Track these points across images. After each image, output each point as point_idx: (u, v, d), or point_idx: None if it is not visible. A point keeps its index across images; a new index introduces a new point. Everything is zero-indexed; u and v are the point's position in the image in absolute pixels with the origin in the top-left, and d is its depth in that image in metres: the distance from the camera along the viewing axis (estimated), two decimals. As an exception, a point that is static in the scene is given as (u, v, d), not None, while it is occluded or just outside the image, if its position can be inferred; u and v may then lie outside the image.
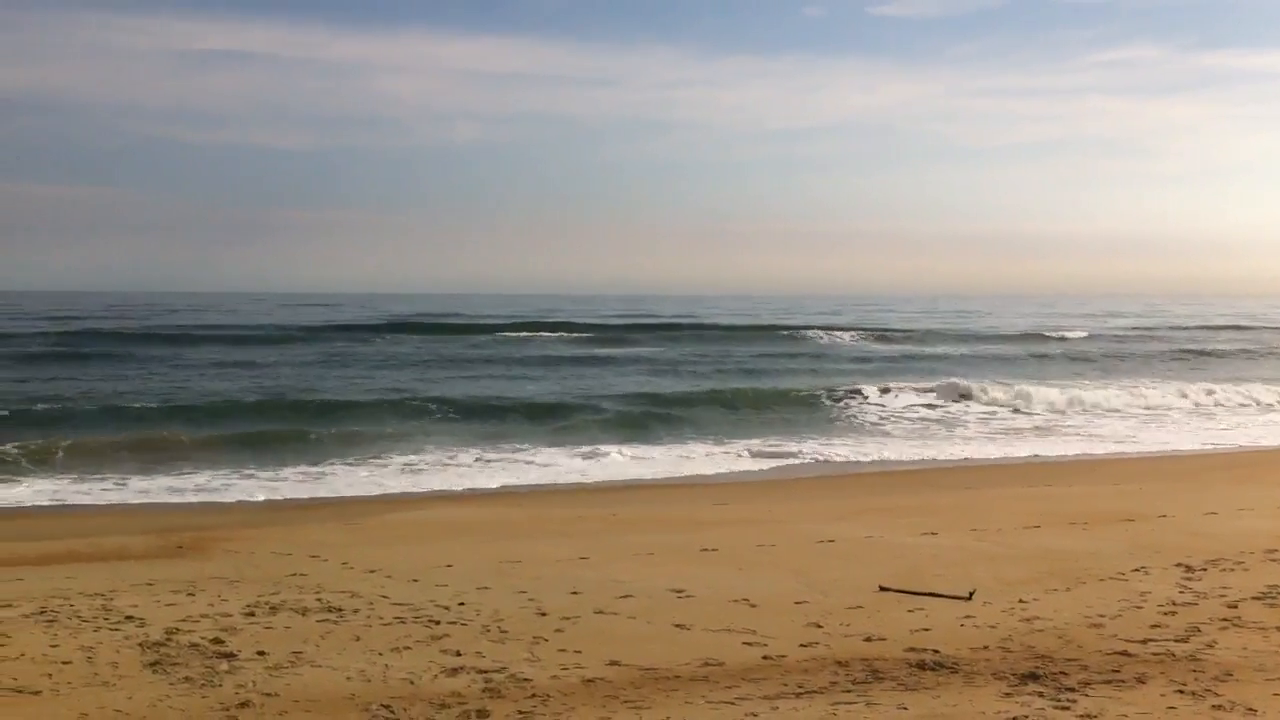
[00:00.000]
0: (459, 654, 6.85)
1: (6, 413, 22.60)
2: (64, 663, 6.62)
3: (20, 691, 6.09)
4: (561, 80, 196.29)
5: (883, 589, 8.62)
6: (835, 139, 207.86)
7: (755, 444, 20.83)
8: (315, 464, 18.29)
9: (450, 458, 19.12)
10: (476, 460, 19.03)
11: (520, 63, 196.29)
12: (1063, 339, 53.01)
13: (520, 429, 22.91)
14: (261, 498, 15.73)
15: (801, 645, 7.13)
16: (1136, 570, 9.29)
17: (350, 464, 18.34)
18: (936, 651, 6.94)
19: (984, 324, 67.37)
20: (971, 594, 8.37)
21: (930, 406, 27.41)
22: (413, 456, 19.07)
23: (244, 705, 5.91)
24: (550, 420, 24.17)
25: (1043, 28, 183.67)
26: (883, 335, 53.84)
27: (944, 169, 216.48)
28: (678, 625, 7.58)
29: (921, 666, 6.65)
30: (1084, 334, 55.70)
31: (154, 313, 67.89)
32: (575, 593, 8.51)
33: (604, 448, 20.28)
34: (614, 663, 6.71)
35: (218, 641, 7.06)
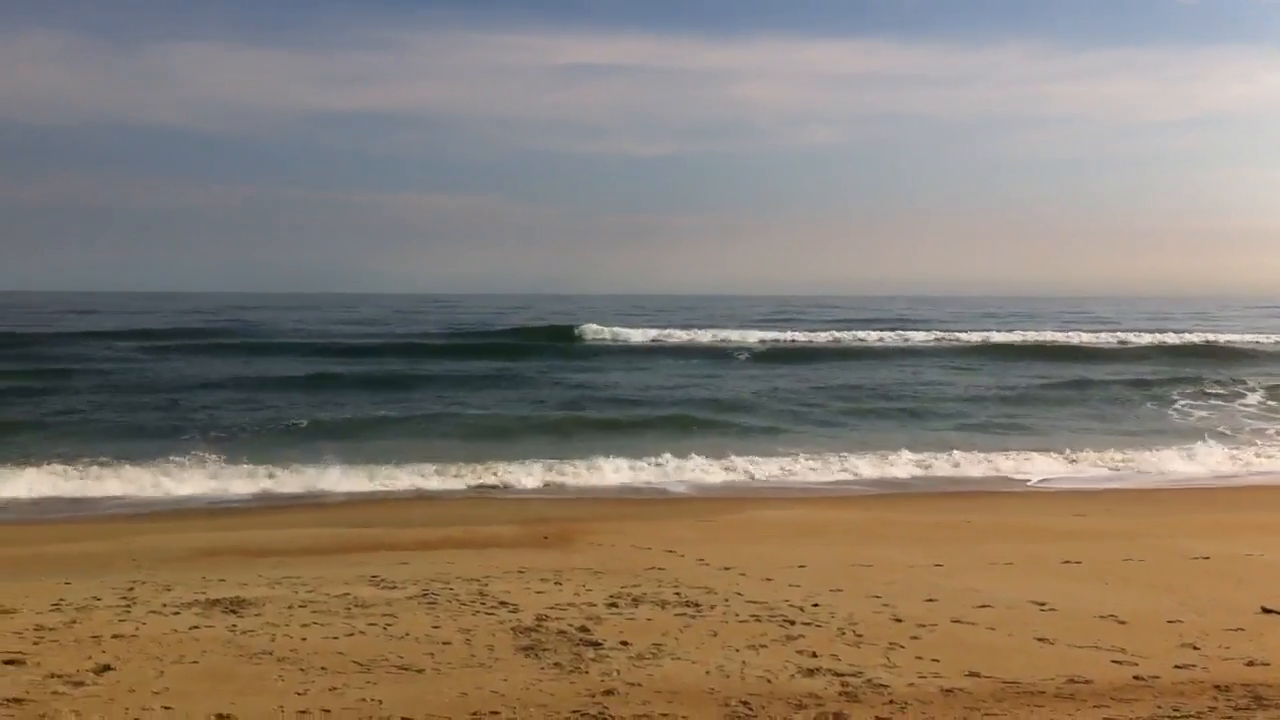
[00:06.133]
0: (815, 655, 6.87)
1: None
2: (444, 643, 7.05)
3: (406, 669, 6.52)
4: (919, 79, 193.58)
5: (1266, 610, 8.03)
6: (1211, 130, 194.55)
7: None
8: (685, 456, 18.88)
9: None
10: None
11: (877, 64, 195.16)
12: None
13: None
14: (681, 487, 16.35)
15: (1176, 666, 6.74)
16: None
17: (706, 460, 18.74)
18: (1330, 682, 6.41)
19: None
20: (1370, 622, 7.69)
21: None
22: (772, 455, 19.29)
23: (609, 693, 6.13)
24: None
25: None
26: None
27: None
28: (1040, 639, 7.32)
29: (1313, 697, 6.16)
30: None
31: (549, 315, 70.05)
32: (931, 600, 8.37)
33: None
34: (973, 674, 6.55)
35: (584, 630, 7.36)
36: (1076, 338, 49.85)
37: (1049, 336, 50.49)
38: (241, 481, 16.59)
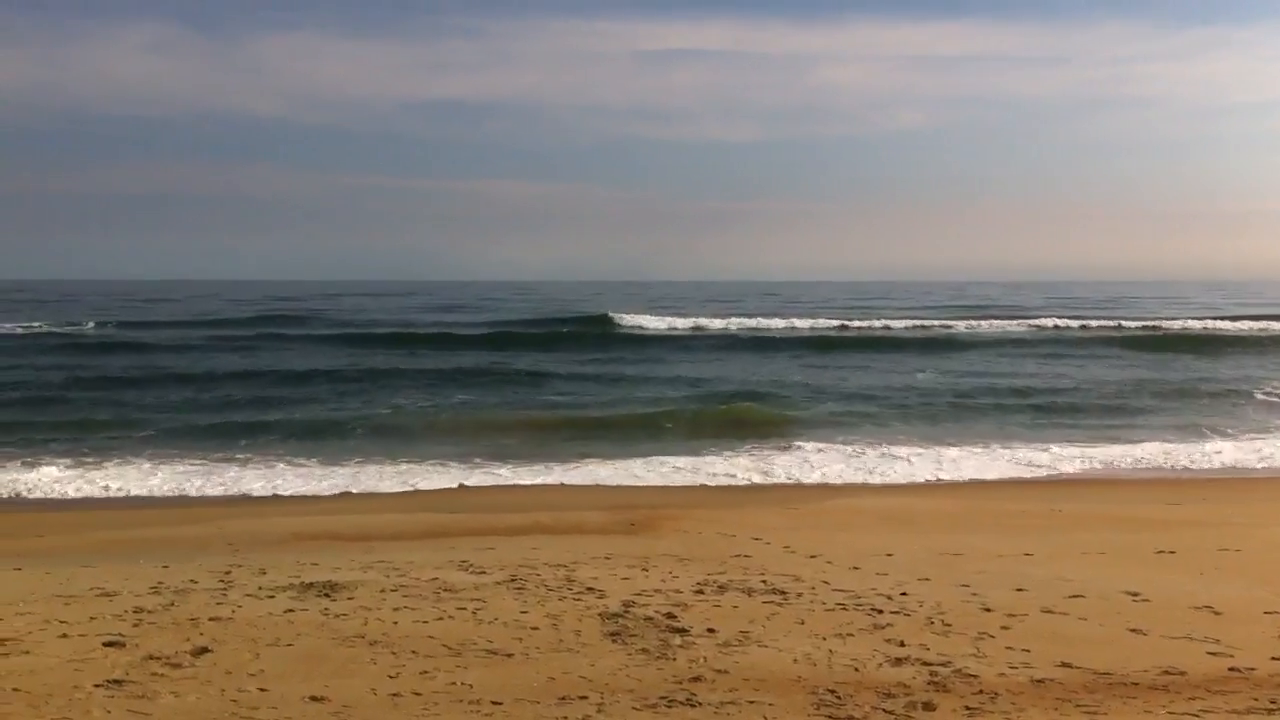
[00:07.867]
0: (903, 644, 6.82)
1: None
2: (533, 628, 7.11)
3: (495, 653, 6.58)
4: (1010, 61, 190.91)
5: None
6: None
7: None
8: (765, 448, 18.76)
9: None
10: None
11: (967, 46, 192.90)
12: None
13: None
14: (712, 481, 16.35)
15: (1273, 658, 6.60)
16: None
17: (782, 450, 18.66)
18: None
19: None
20: None
21: None
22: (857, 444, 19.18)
23: (696, 680, 6.14)
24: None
25: None
26: None
27: None
28: (1133, 629, 7.21)
29: None
30: None
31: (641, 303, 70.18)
32: (1020, 589, 8.27)
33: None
34: (1065, 664, 6.47)
35: (670, 616, 7.38)
36: (1174, 325, 48.99)
37: (1145, 324, 49.60)
38: (327, 471, 16.84)
